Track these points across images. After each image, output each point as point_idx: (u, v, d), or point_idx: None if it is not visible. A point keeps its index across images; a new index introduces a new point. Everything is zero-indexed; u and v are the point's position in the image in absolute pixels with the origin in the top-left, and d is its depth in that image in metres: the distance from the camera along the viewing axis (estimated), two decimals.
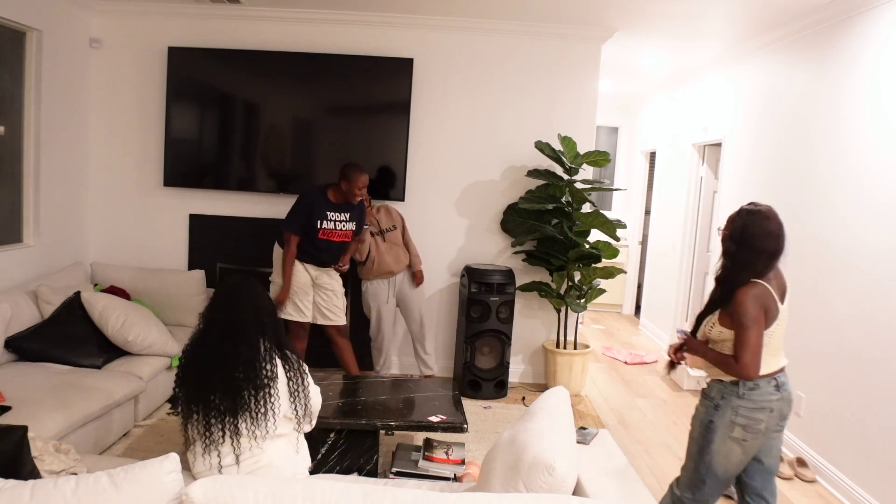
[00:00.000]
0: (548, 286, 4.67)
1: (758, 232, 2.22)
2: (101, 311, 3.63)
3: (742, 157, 4.78)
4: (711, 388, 2.37)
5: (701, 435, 2.36)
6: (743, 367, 2.20)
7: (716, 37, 4.66)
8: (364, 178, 3.90)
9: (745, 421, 2.27)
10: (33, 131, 4.12)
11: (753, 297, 2.20)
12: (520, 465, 1.77)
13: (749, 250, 2.23)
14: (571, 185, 4.50)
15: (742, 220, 2.26)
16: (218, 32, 4.69)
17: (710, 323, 2.35)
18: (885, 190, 3.18)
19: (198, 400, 2.05)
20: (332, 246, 3.98)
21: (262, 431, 2.05)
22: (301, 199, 3.91)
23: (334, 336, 4.14)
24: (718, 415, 2.31)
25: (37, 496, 1.39)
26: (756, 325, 2.19)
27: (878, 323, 3.18)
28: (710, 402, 2.34)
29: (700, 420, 2.39)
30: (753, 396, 2.27)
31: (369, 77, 4.63)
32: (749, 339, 2.19)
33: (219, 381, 2.03)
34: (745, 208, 2.30)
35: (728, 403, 2.29)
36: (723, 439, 2.30)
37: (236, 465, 2.05)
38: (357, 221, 4.04)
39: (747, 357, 2.20)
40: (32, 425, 2.54)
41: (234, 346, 2.07)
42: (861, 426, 3.26)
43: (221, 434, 2.03)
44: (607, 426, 4.19)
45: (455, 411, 3.05)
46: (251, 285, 2.20)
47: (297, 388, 2.16)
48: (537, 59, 4.72)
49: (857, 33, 3.50)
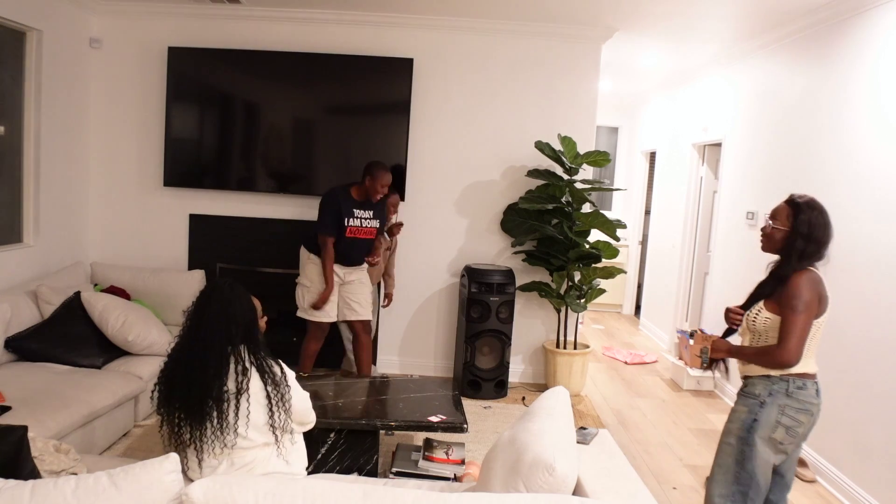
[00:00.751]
0: (548, 286, 4.67)
1: (821, 223, 2.20)
2: (101, 311, 3.63)
3: (742, 157, 4.78)
4: (755, 384, 2.26)
5: (741, 440, 2.23)
6: (786, 352, 2.13)
7: (716, 37, 4.66)
8: (388, 176, 3.89)
9: (790, 422, 2.18)
10: (33, 131, 4.12)
11: (809, 282, 2.16)
12: (520, 465, 1.77)
13: (814, 243, 2.20)
14: (571, 185, 4.50)
15: (807, 215, 2.21)
16: (218, 32, 4.69)
17: (754, 311, 2.28)
18: (885, 189, 3.18)
19: (167, 403, 2.06)
20: (358, 244, 3.98)
21: (230, 440, 2.02)
22: (328, 200, 3.91)
23: (359, 332, 4.10)
24: (764, 412, 2.19)
25: (37, 496, 1.39)
26: (806, 311, 2.13)
27: (879, 323, 3.17)
28: (755, 400, 2.23)
29: (741, 422, 2.25)
30: (800, 396, 2.19)
31: (369, 77, 4.63)
32: (797, 324, 2.13)
33: (184, 388, 2.02)
34: (803, 202, 2.24)
35: (775, 401, 2.19)
36: (763, 441, 2.20)
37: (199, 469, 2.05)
38: (380, 219, 4.08)
39: (792, 342, 2.13)
40: (32, 425, 2.54)
41: (200, 355, 2.03)
42: (861, 426, 3.26)
43: (189, 437, 2.03)
44: (607, 426, 4.19)
45: (455, 411, 3.05)
46: (225, 292, 2.10)
47: (277, 400, 2.09)
48: (537, 59, 4.72)
49: (857, 33, 3.50)
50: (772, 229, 2.29)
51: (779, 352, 2.15)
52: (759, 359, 2.23)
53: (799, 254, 2.21)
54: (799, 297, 2.14)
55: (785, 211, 2.26)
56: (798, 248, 2.20)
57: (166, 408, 2.07)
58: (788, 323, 2.15)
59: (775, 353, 2.16)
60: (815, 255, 2.21)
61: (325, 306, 3.96)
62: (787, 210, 2.26)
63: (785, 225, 2.25)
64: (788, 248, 2.23)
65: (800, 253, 2.20)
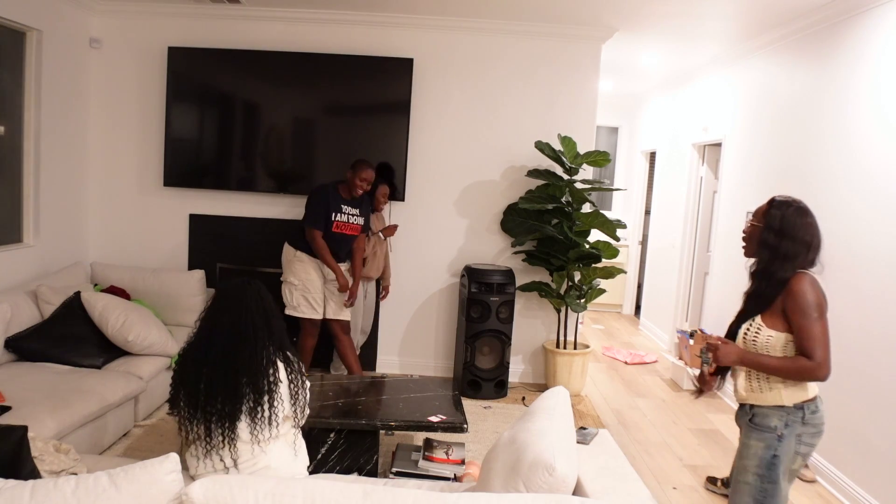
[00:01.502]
0: (548, 286, 4.67)
1: (798, 222, 2.05)
2: (101, 311, 3.63)
3: (742, 157, 4.78)
4: (769, 415, 2.06)
5: (762, 478, 2.04)
6: (820, 366, 1.93)
7: (716, 37, 4.66)
8: (368, 172, 3.97)
9: (807, 450, 2.04)
10: (33, 131, 4.12)
11: (812, 286, 2.00)
12: (520, 465, 1.77)
13: (791, 240, 2.04)
14: (571, 185, 4.49)
15: (780, 210, 2.07)
16: (218, 32, 4.69)
17: (753, 330, 2.08)
18: (886, 189, 3.18)
19: (198, 403, 2.01)
20: (344, 239, 4.06)
21: (264, 435, 2.04)
22: (316, 195, 3.98)
23: (337, 332, 4.15)
24: (783, 446, 2.02)
25: (37, 496, 1.39)
26: (822, 315, 1.97)
27: (879, 322, 3.17)
28: (771, 433, 2.04)
29: (759, 459, 2.06)
30: (815, 420, 2.04)
31: (369, 77, 4.63)
32: (820, 332, 1.95)
33: (222, 386, 2.01)
34: (780, 199, 2.11)
35: (793, 432, 2.02)
36: (784, 475, 2.04)
37: (235, 468, 2.03)
38: (365, 217, 4.14)
39: (821, 353, 1.94)
40: (32, 425, 2.54)
41: (239, 351, 2.04)
42: (861, 426, 3.26)
43: (221, 439, 2.00)
44: (607, 426, 4.19)
45: (455, 411, 3.05)
46: (256, 288, 2.16)
47: (298, 390, 2.15)
48: (537, 59, 4.72)
49: (858, 33, 3.50)
50: (751, 226, 2.17)
51: (813, 366, 1.96)
52: (786, 369, 2.01)
53: (772, 250, 2.06)
54: (808, 302, 1.98)
55: (762, 209, 2.15)
56: (770, 244, 2.06)
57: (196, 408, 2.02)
58: (810, 333, 1.97)
59: (810, 367, 1.96)
60: (798, 256, 2.05)
61: (312, 302, 4.05)
62: (764, 207, 2.15)
63: (760, 221, 2.13)
64: (762, 244, 2.10)
65: (773, 249, 2.06)
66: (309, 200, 4.00)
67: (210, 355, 2.04)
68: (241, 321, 2.08)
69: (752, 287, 2.15)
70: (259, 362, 2.05)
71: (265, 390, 2.03)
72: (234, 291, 2.14)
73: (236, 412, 2.00)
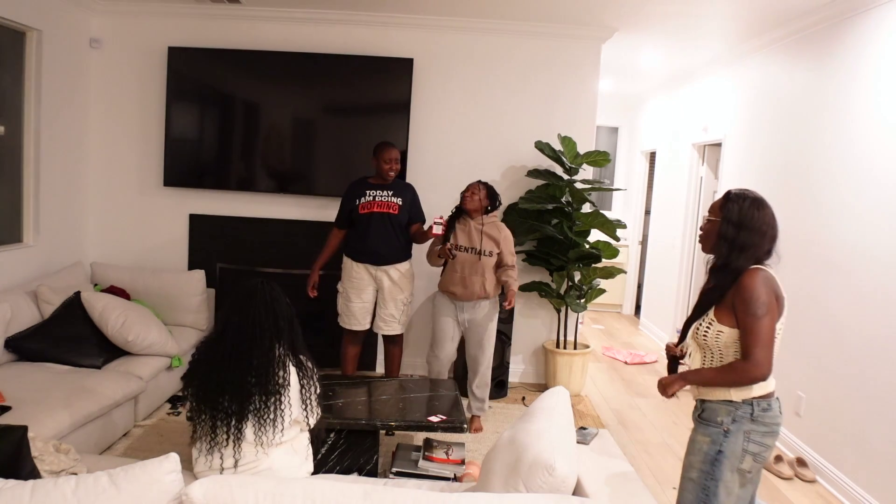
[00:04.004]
0: (548, 286, 4.67)
1: (755, 214, 2.01)
2: (101, 311, 3.63)
3: (742, 157, 4.78)
4: (716, 410, 2.03)
5: (705, 475, 2.01)
6: (756, 366, 1.90)
7: (716, 37, 4.66)
8: (392, 152, 3.77)
9: (757, 448, 1.98)
10: (33, 131, 4.12)
11: (763, 282, 1.95)
12: (520, 465, 1.77)
13: (749, 231, 2.00)
14: (571, 185, 4.50)
15: (737, 203, 2.03)
16: (218, 32, 4.69)
17: (704, 324, 2.06)
18: (885, 190, 3.18)
19: (206, 400, 2.04)
20: (374, 220, 3.75)
21: (268, 438, 2.04)
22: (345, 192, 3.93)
23: (386, 344, 4.06)
24: (729, 443, 1.98)
25: (37, 496, 1.39)
26: (769, 314, 1.92)
27: (878, 322, 3.17)
28: (717, 428, 2.01)
29: (703, 455, 2.03)
30: (766, 419, 1.99)
31: (369, 77, 4.63)
32: (762, 330, 1.91)
33: (229, 385, 2.03)
34: (736, 192, 2.07)
35: (740, 428, 1.98)
36: (730, 473, 1.99)
37: (234, 468, 2.04)
38: (403, 199, 3.82)
39: (761, 352, 1.90)
40: (32, 425, 2.54)
41: (247, 351, 2.06)
42: (861, 426, 3.26)
43: (226, 437, 2.02)
44: (607, 426, 4.19)
45: (455, 411, 3.05)
46: (269, 289, 2.17)
47: (309, 395, 2.15)
48: (537, 59, 4.72)
49: (858, 33, 3.50)
50: (707, 222, 2.11)
51: (748, 366, 1.92)
52: (724, 378, 1.99)
53: (730, 243, 2.01)
54: (755, 299, 1.92)
55: (718, 203, 2.10)
56: (729, 237, 2.01)
57: (204, 405, 2.05)
58: (752, 331, 1.92)
59: (744, 368, 1.93)
60: (757, 249, 2.00)
61: (356, 313, 3.87)
62: (720, 202, 2.09)
63: (717, 216, 2.07)
64: (720, 238, 2.04)
65: (731, 241, 2.01)
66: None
67: (220, 353, 2.07)
68: (249, 321, 2.09)
69: (709, 282, 2.11)
70: (267, 364, 2.06)
71: (272, 392, 2.04)
72: (245, 291, 2.16)
73: (243, 411, 2.01)
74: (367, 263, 3.84)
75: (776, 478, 3.57)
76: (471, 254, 3.66)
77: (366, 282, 3.86)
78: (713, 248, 2.09)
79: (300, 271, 4.74)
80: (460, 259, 3.65)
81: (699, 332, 2.07)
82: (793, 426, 3.85)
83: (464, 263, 3.66)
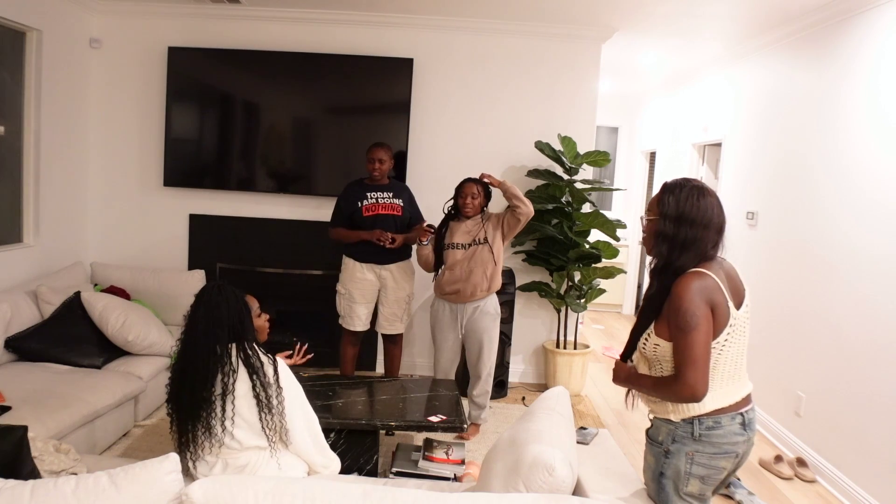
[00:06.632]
0: (548, 286, 4.67)
1: (695, 203, 1.78)
2: (101, 311, 3.63)
3: (742, 157, 4.78)
4: (659, 428, 1.85)
5: (656, 493, 1.86)
6: (684, 386, 1.69)
7: (716, 37, 4.66)
8: (376, 151, 3.79)
9: (704, 472, 1.78)
10: (33, 131, 4.12)
11: (697, 290, 1.71)
12: (520, 465, 1.77)
13: (690, 225, 1.77)
14: (571, 185, 4.50)
15: (672, 194, 1.80)
16: (218, 32, 4.69)
17: (644, 335, 1.86)
18: (884, 190, 3.18)
19: (169, 403, 2.16)
20: (380, 220, 3.77)
21: (217, 441, 2.06)
22: (338, 198, 3.93)
23: (385, 342, 4.08)
24: (670, 464, 1.80)
25: (37, 496, 1.39)
26: (700, 327, 1.69)
27: (878, 323, 3.17)
28: (658, 448, 1.84)
29: (651, 472, 1.88)
30: (714, 438, 1.76)
31: (369, 77, 4.63)
32: (692, 346, 1.68)
33: (180, 390, 2.11)
34: (671, 183, 1.85)
35: (681, 449, 1.78)
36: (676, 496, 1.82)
37: (195, 469, 2.11)
38: (403, 199, 3.87)
39: (690, 372, 1.68)
40: (32, 425, 2.54)
41: (191, 357, 2.09)
42: (861, 426, 3.26)
43: (185, 439, 2.09)
44: (607, 426, 4.19)
45: (455, 411, 3.05)
46: (212, 295, 2.12)
47: (266, 402, 2.07)
48: (537, 59, 4.72)
49: (857, 33, 3.50)
50: (647, 222, 1.88)
51: (676, 387, 1.71)
52: (658, 392, 1.81)
53: (670, 240, 1.79)
54: (684, 311, 1.69)
55: (655, 198, 1.87)
56: (668, 234, 1.78)
57: (169, 407, 2.16)
58: (679, 347, 1.71)
59: (673, 388, 1.72)
60: (701, 243, 1.77)
61: (360, 314, 3.88)
62: (656, 196, 1.87)
63: (655, 213, 1.85)
64: (658, 236, 1.81)
65: (671, 239, 1.78)
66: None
67: (178, 359, 2.15)
68: (191, 327, 2.12)
69: (651, 287, 1.86)
70: (203, 368, 2.06)
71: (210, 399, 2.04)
72: (195, 298, 2.17)
73: (195, 416, 2.06)
74: (371, 263, 3.85)
75: (776, 478, 3.57)
76: (470, 248, 3.63)
77: (370, 282, 3.87)
78: (653, 247, 1.86)
79: (300, 271, 4.76)
80: (459, 256, 3.64)
81: (641, 342, 1.88)
82: (793, 426, 3.85)
83: (464, 259, 3.62)
